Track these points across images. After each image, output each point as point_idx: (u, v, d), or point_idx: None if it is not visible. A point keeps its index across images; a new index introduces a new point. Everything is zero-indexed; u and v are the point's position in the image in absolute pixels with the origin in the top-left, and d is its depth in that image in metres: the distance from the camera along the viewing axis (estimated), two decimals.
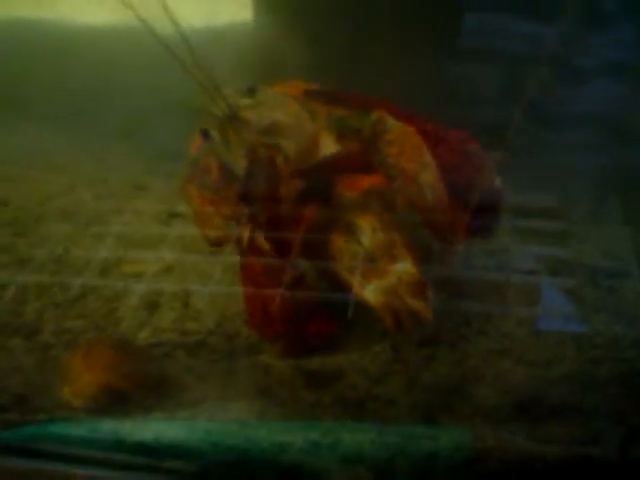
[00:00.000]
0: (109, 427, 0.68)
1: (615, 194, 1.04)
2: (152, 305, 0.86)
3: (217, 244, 0.82)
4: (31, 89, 1.23)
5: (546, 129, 1.20)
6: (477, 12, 1.29)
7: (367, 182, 0.76)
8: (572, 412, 0.68)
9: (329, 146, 0.77)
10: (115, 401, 0.71)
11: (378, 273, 0.72)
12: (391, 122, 0.73)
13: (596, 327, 0.78)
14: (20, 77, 1.23)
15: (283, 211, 0.75)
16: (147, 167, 1.19)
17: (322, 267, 0.79)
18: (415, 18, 1.26)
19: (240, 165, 0.74)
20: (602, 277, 0.89)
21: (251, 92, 0.78)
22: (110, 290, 0.88)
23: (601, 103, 1.23)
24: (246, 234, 0.73)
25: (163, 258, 0.92)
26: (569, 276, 0.88)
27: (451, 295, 0.82)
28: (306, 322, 0.76)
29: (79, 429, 0.68)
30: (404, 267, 0.71)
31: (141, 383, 0.72)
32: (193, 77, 0.73)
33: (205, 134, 0.79)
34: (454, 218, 0.71)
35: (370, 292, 0.72)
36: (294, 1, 1.26)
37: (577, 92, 1.26)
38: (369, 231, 0.74)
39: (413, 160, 0.72)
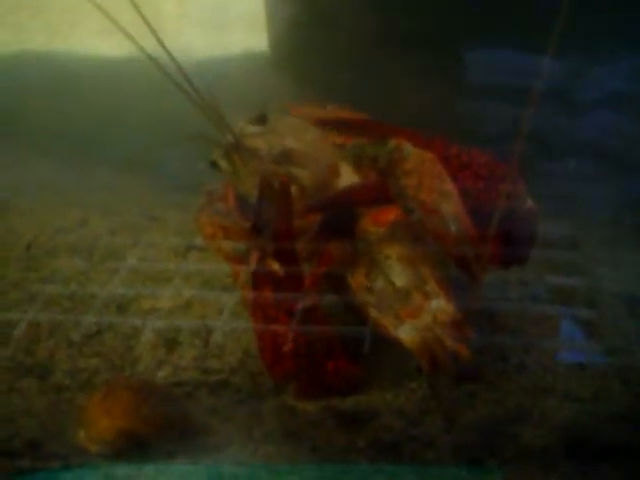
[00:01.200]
0: (127, 473, 0.64)
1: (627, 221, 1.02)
2: (171, 342, 0.82)
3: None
4: (41, 120, 1.22)
5: (551, 159, 1.20)
6: (480, 47, 1.30)
7: (393, 215, 0.73)
8: (625, 452, 0.64)
9: (349, 176, 0.75)
10: (134, 446, 0.67)
11: (412, 312, 0.69)
12: (409, 149, 0.69)
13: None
14: (31, 108, 1.23)
15: (302, 243, 0.72)
16: (160, 197, 1.18)
17: (343, 303, 0.75)
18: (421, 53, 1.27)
19: (253, 195, 0.72)
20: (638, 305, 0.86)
21: (261, 120, 0.77)
22: (127, 327, 0.85)
23: (604, 133, 1.23)
24: (256, 259, 0.69)
25: (181, 293, 0.89)
26: (603, 307, 0.86)
27: (485, 328, 0.79)
28: (324, 359, 0.72)
29: (95, 476, 0.64)
30: (438, 304, 0.68)
31: (162, 427, 0.68)
32: (197, 107, 0.72)
33: (213, 164, 0.77)
34: (480, 248, 0.67)
35: (405, 332, 0.69)
36: (307, 37, 1.27)
37: (580, 123, 1.27)
38: (398, 267, 0.70)
39: (433, 190, 0.68)
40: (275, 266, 0.68)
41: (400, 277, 0.70)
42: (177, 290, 0.89)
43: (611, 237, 1.02)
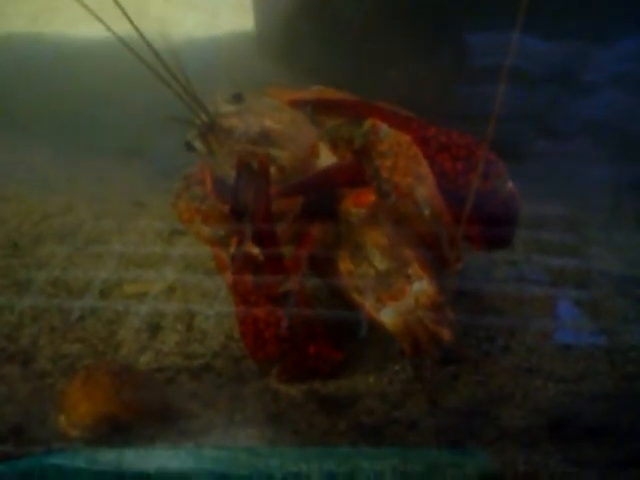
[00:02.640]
0: (109, 458, 0.64)
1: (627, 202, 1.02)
2: (154, 327, 0.82)
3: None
4: (27, 105, 1.22)
5: (553, 140, 1.19)
6: (485, 30, 1.28)
7: (374, 196, 0.71)
8: (608, 432, 0.64)
9: (328, 156, 0.74)
10: (115, 431, 0.68)
11: (394, 295, 0.68)
12: (385, 131, 0.68)
13: (628, 340, 0.75)
14: (15, 93, 1.22)
15: (283, 226, 0.71)
16: (147, 184, 1.18)
17: (326, 286, 0.75)
18: (424, 35, 1.26)
19: (231, 176, 0.71)
20: (630, 286, 0.85)
21: (237, 99, 0.75)
22: (110, 312, 0.85)
23: (608, 115, 1.22)
24: (235, 242, 0.69)
25: (165, 278, 0.89)
26: (594, 287, 0.85)
27: (472, 309, 0.79)
28: (306, 343, 0.72)
29: (77, 461, 0.65)
30: (420, 287, 0.67)
31: (143, 411, 0.68)
32: (170, 87, 0.71)
33: (188, 146, 0.76)
34: (454, 233, 0.66)
35: (386, 315, 0.69)
36: (298, 10, 1.25)
37: (583, 104, 1.26)
38: (380, 250, 0.70)
39: (408, 173, 0.67)
40: (254, 250, 0.67)
41: (382, 260, 0.70)
42: (160, 275, 0.89)
43: (609, 219, 1.01)
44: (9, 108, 1.19)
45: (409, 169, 0.65)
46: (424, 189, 0.65)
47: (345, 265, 0.72)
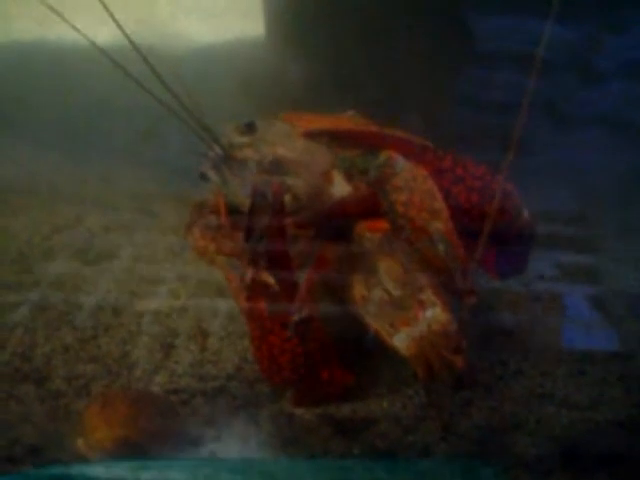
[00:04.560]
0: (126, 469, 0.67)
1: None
2: (167, 347, 0.84)
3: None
4: (32, 111, 1.22)
5: (564, 129, 1.19)
6: (492, 15, 1.28)
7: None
8: (622, 461, 0.65)
9: (342, 184, 0.75)
10: (132, 453, 0.70)
11: (407, 320, 0.69)
12: (400, 164, 0.69)
13: None
14: (20, 98, 1.22)
15: (297, 249, 0.73)
16: (156, 188, 1.18)
17: (338, 310, 0.76)
18: (430, 19, 1.25)
19: (245, 205, 0.72)
20: None
21: (249, 129, 0.76)
22: (123, 331, 0.87)
23: (621, 103, 1.22)
24: (250, 272, 0.70)
25: (178, 296, 0.91)
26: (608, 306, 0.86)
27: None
28: (319, 369, 0.73)
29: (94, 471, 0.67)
30: (434, 313, 0.69)
31: (159, 436, 0.71)
32: (183, 121, 0.72)
33: (202, 176, 0.77)
34: (466, 269, 0.67)
35: (400, 340, 0.70)
36: (305, 15, 1.25)
37: (596, 92, 1.25)
38: (393, 275, 0.71)
39: (423, 208, 0.68)
40: (270, 279, 0.68)
41: (395, 285, 0.71)
42: (173, 293, 0.90)
43: (622, 210, 1.01)
44: (14, 114, 1.19)
45: (424, 204, 0.66)
46: (439, 224, 0.66)
47: (359, 290, 0.74)
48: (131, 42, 0.75)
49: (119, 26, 0.79)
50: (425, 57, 1.25)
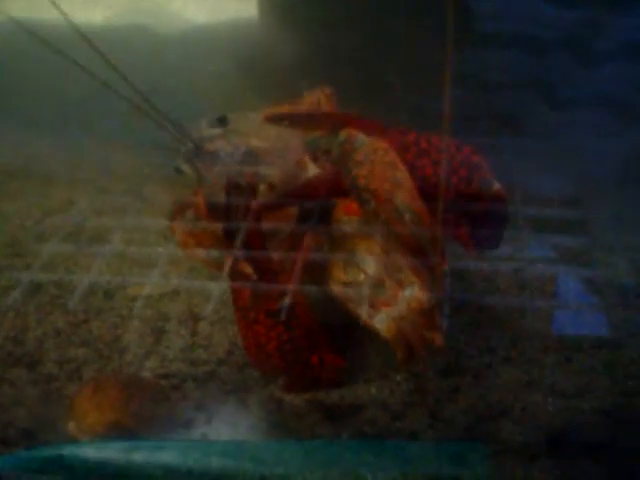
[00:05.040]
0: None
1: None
2: (158, 332, 0.85)
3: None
4: (26, 95, 1.21)
5: (560, 110, 1.18)
6: None
7: None
8: (607, 449, 0.66)
9: (315, 170, 0.75)
10: (123, 437, 0.71)
11: (386, 301, 0.70)
12: (361, 140, 0.69)
13: (630, 354, 0.77)
14: (13, 82, 1.22)
15: (276, 239, 0.73)
16: (149, 173, 1.18)
17: (322, 296, 0.76)
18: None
19: (222, 197, 0.73)
20: (633, 296, 0.86)
21: (221, 122, 0.76)
22: (114, 315, 0.88)
23: (619, 85, 1.21)
24: (228, 262, 0.70)
25: (169, 280, 0.91)
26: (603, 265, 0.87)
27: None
28: (308, 354, 0.74)
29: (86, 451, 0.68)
30: (412, 292, 0.69)
31: (150, 421, 0.72)
32: (150, 115, 0.72)
33: (177, 170, 0.77)
34: (435, 238, 0.67)
35: (380, 321, 0.70)
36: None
37: (594, 73, 1.24)
38: (372, 257, 0.71)
39: (385, 179, 0.67)
40: (247, 269, 0.69)
41: (374, 267, 0.72)
42: (164, 277, 0.91)
43: (617, 193, 1.01)
44: (7, 98, 1.18)
45: (386, 175, 0.66)
46: (403, 194, 0.66)
47: (339, 273, 0.74)
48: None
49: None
50: (424, 37, 1.24)
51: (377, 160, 0.67)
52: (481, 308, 0.80)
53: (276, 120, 0.74)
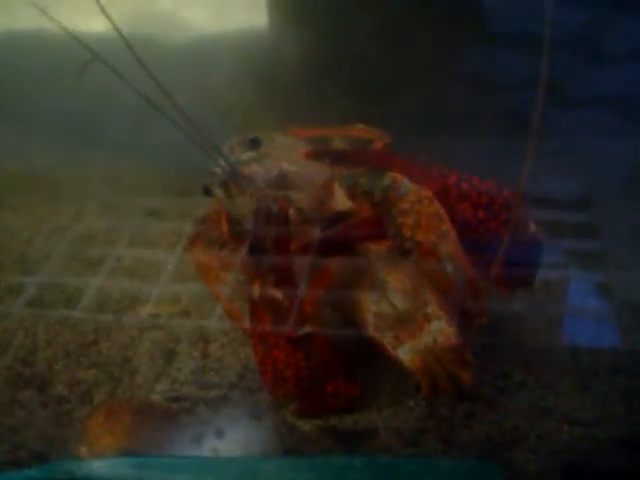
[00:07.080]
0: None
1: None
2: (169, 353, 0.86)
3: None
4: (33, 104, 1.22)
5: (570, 111, 1.18)
6: None
7: None
8: (622, 479, 0.67)
9: (343, 200, 0.76)
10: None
11: (412, 333, 0.71)
12: (406, 187, 0.69)
13: None
14: (20, 91, 1.22)
15: (300, 264, 0.74)
16: (160, 184, 1.18)
17: (344, 321, 0.77)
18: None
19: (249, 219, 0.73)
20: None
21: (254, 144, 0.77)
22: (125, 336, 0.89)
23: (630, 87, 1.21)
24: (257, 287, 0.71)
25: (179, 300, 0.92)
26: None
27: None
28: (323, 382, 0.75)
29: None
30: (439, 326, 0.70)
31: (161, 446, 0.73)
32: (189, 137, 0.72)
33: (207, 191, 0.78)
34: (476, 289, 0.68)
35: (404, 353, 0.71)
36: (310, 4, 1.24)
37: (605, 74, 1.24)
38: (399, 289, 0.72)
39: (430, 231, 0.68)
40: (277, 294, 0.69)
41: (401, 299, 0.72)
42: (174, 296, 0.91)
43: (627, 195, 1.01)
44: (15, 107, 1.19)
45: (431, 226, 0.67)
46: (447, 246, 0.67)
47: (363, 302, 0.75)
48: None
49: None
50: (433, 39, 1.24)
51: (422, 210, 0.68)
52: (494, 331, 0.81)
53: (318, 157, 0.75)
